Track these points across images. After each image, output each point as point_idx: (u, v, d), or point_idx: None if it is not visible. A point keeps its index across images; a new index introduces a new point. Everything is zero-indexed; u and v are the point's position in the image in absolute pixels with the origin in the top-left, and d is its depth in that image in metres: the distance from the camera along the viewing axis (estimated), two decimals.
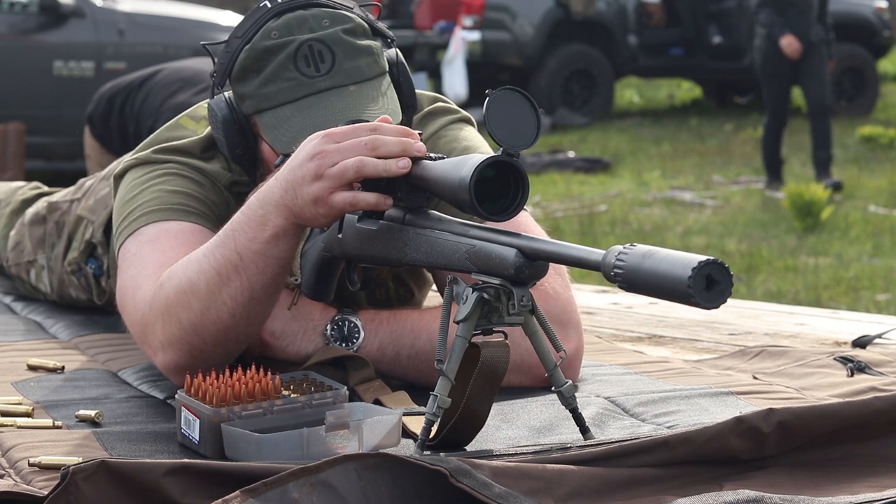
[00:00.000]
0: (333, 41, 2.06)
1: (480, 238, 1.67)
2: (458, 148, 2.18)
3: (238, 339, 1.98)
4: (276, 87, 2.05)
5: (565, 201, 9.70)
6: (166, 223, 2.09)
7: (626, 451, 1.66)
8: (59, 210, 2.92)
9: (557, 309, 2.08)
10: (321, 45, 2.05)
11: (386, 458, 1.54)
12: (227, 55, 2.11)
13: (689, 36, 14.62)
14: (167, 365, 2.01)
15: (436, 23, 14.36)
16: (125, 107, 4.62)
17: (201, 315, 1.94)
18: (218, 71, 2.12)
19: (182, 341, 1.97)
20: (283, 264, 1.90)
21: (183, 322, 1.95)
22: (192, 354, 1.97)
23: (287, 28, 2.07)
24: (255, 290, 1.91)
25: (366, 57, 2.08)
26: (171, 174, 2.15)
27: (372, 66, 2.09)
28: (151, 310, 2.00)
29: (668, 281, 1.45)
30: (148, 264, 2.06)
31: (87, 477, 1.49)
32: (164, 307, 1.97)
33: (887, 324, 2.83)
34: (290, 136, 2.02)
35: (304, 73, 2.04)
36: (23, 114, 8.35)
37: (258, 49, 2.06)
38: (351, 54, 2.07)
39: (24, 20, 9.02)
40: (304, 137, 1.92)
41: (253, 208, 1.88)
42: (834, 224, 8.44)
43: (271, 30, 2.07)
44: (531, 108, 1.66)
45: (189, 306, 1.94)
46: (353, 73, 2.06)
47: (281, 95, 2.05)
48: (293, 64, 2.05)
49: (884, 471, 1.71)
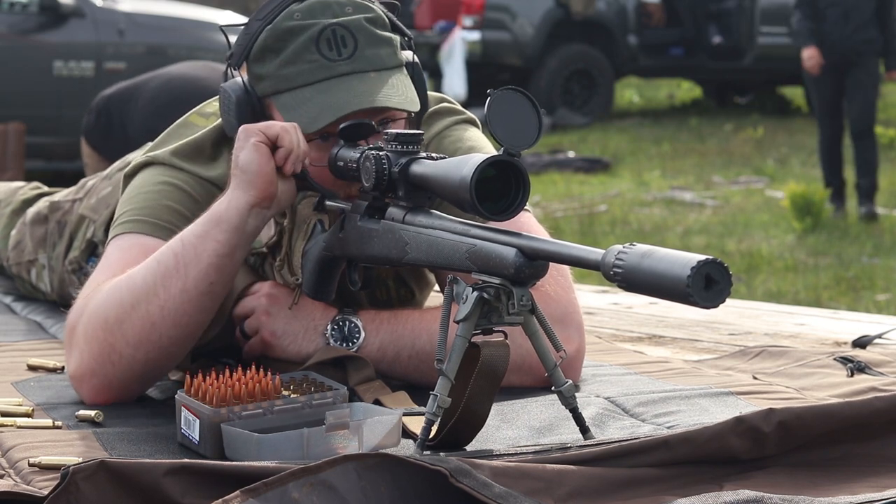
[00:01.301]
0: (356, 27, 2.06)
1: (481, 238, 1.67)
2: (462, 148, 2.18)
3: (160, 343, 1.98)
4: (297, 68, 2.04)
5: (565, 201, 9.70)
6: (146, 238, 2.10)
7: (626, 451, 1.66)
8: (60, 209, 2.92)
9: (559, 310, 2.08)
10: (344, 31, 2.05)
11: (386, 458, 1.54)
12: (246, 36, 2.09)
13: (689, 36, 14.61)
14: (78, 367, 2.01)
15: (436, 23, 14.36)
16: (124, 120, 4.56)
17: (130, 310, 1.96)
18: (235, 52, 2.10)
19: (102, 341, 1.98)
20: (221, 253, 1.95)
21: (109, 318, 1.97)
22: (108, 358, 1.99)
23: (310, 11, 2.06)
24: (188, 282, 1.95)
25: (386, 47, 2.08)
26: (173, 186, 2.15)
27: (392, 57, 2.09)
28: (83, 310, 2.02)
29: (668, 280, 1.45)
30: (107, 271, 2.08)
31: (87, 477, 1.49)
32: (95, 306, 2.00)
33: (887, 324, 2.83)
34: (311, 118, 2.02)
35: (326, 56, 2.04)
36: (23, 114, 8.34)
37: (280, 29, 2.06)
38: (372, 42, 2.07)
39: (24, 20, 9.01)
40: (325, 119, 1.99)
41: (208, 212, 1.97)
42: (834, 224, 8.44)
43: (294, 11, 2.06)
44: (533, 108, 1.66)
45: (120, 301, 1.97)
46: (374, 61, 2.06)
47: (301, 77, 2.05)
48: (315, 46, 2.04)
49: (884, 471, 1.71)
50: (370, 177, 1.83)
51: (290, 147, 1.94)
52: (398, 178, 1.81)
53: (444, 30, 14.11)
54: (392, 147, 1.82)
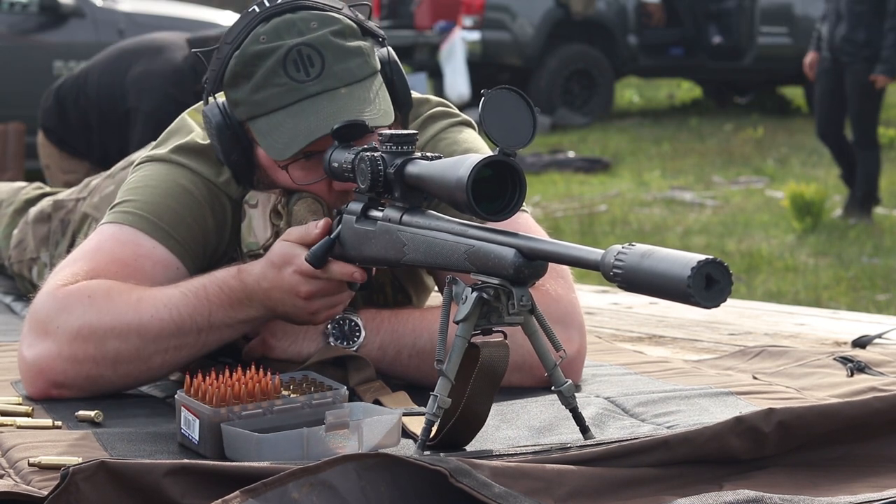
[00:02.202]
0: (322, 44, 2.05)
1: (479, 238, 1.67)
2: (458, 150, 2.18)
3: (149, 379, 2.07)
4: (267, 92, 2.05)
5: (565, 201, 9.69)
6: (143, 237, 2.11)
7: (626, 451, 1.66)
8: (64, 208, 2.93)
9: (559, 311, 2.08)
10: (310, 49, 2.04)
11: (386, 458, 1.54)
12: (218, 61, 2.10)
13: (689, 36, 14.60)
14: (45, 363, 2.02)
15: (436, 23, 14.35)
16: (79, 99, 4.51)
17: (133, 353, 2.01)
18: (210, 77, 2.12)
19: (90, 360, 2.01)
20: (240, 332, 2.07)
21: (107, 349, 2.00)
22: (87, 374, 2.02)
23: (275, 32, 2.06)
24: (201, 350, 2.03)
25: (355, 58, 2.07)
26: (180, 187, 2.15)
27: (362, 67, 2.08)
28: (68, 306, 2.02)
29: (668, 280, 1.45)
30: (92, 260, 2.09)
31: (87, 477, 1.49)
32: (90, 319, 2.00)
33: (887, 324, 2.83)
34: (284, 143, 2.03)
35: (294, 78, 2.04)
36: (23, 114, 8.33)
37: (247, 54, 2.06)
38: (340, 57, 2.06)
39: (24, 20, 9.01)
40: (297, 144, 2.01)
41: (238, 296, 2.01)
42: (834, 224, 8.44)
43: (260, 34, 2.06)
44: (527, 107, 1.65)
45: (124, 338, 2.00)
46: (344, 76, 2.05)
47: (272, 101, 2.05)
48: (283, 69, 2.04)
49: (884, 471, 1.71)
50: (365, 178, 1.84)
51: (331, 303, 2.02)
52: (394, 179, 1.81)
53: (444, 30, 14.11)
54: (387, 148, 1.82)
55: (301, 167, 2.06)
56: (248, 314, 2.03)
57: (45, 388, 2.03)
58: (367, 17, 2.16)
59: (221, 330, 2.03)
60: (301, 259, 1.95)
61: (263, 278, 1.99)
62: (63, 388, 2.02)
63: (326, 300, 2.00)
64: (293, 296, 1.98)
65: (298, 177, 2.06)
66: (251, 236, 2.12)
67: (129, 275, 2.07)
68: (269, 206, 2.10)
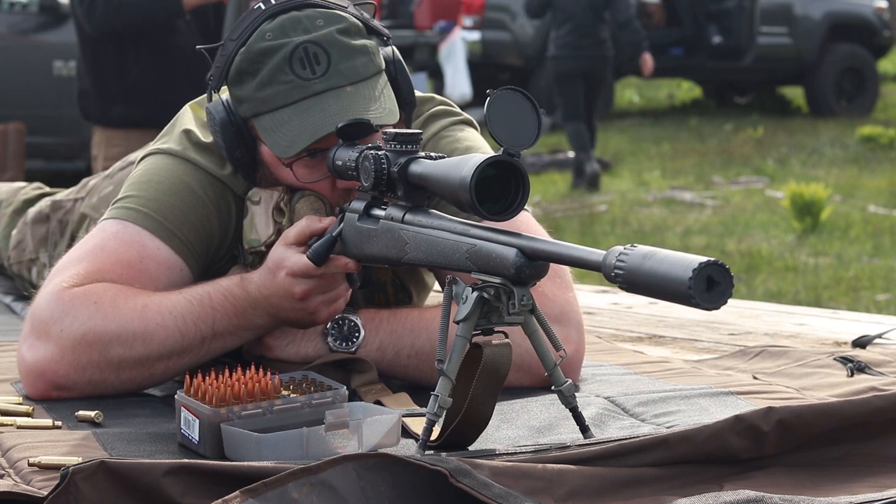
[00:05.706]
0: (328, 42, 2.05)
1: (481, 237, 1.67)
2: (459, 149, 2.18)
3: (151, 384, 2.08)
4: (273, 90, 2.05)
5: (565, 201, 9.69)
6: (147, 235, 2.11)
7: (625, 451, 1.65)
8: (62, 209, 2.92)
9: (556, 309, 2.07)
10: (316, 47, 2.05)
11: (386, 458, 1.54)
12: (222, 58, 2.10)
13: (689, 36, 14.60)
14: (47, 365, 2.02)
15: (436, 23, 14.36)
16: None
17: (137, 360, 2.02)
18: (214, 74, 2.12)
19: (94, 365, 2.01)
20: (243, 340, 2.08)
21: (111, 354, 2.01)
22: (90, 379, 2.02)
23: (281, 29, 2.06)
24: (204, 357, 2.04)
25: (361, 56, 2.08)
26: (185, 185, 2.15)
27: (368, 66, 2.08)
28: (73, 310, 2.02)
29: (669, 282, 1.45)
30: (96, 260, 2.09)
31: (87, 477, 1.49)
32: (95, 325, 2.00)
33: (887, 324, 2.83)
34: (288, 140, 2.03)
35: (300, 76, 2.04)
36: (23, 114, 8.34)
37: (253, 51, 2.06)
38: (346, 55, 2.06)
39: (24, 20, 9.02)
40: (302, 142, 2.00)
41: (242, 304, 2.02)
42: (834, 224, 8.44)
43: (265, 31, 2.06)
44: (532, 107, 1.66)
45: (129, 345, 2.01)
46: (349, 74, 2.06)
47: (277, 98, 2.05)
48: (289, 66, 2.04)
49: (884, 471, 1.71)
50: (369, 176, 1.84)
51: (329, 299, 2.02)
52: (397, 178, 1.80)
53: (444, 30, 14.11)
54: (391, 146, 1.82)
55: (305, 165, 2.06)
56: (253, 322, 2.03)
57: (46, 390, 2.03)
58: (372, 16, 2.16)
59: (225, 338, 2.04)
60: (291, 261, 1.96)
61: (263, 285, 2.00)
62: (64, 390, 2.02)
63: (323, 297, 2.00)
64: (289, 298, 1.98)
65: (302, 174, 2.06)
66: (253, 233, 2.12)
67: (134, 277, 2.07)
68: (272, 204, 2.10)
